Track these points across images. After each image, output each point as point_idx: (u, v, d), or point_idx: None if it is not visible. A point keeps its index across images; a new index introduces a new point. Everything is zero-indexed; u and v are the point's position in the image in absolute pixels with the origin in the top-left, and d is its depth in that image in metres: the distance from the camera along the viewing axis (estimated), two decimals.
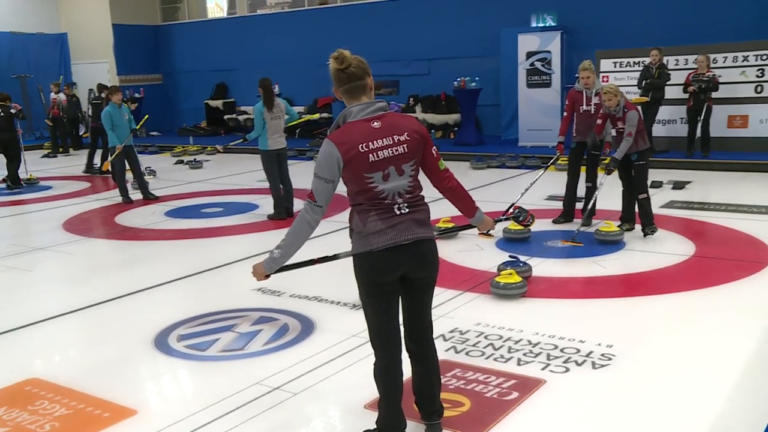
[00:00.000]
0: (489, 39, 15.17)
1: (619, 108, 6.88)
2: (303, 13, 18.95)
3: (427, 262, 3.00)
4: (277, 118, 8.40)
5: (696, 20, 13.06)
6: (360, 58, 2.97)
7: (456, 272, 6.03)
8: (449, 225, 7.10)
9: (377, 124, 2.91)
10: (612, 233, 6.79)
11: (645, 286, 5.60)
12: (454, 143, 14.67)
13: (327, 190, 2.90)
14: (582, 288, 5.65)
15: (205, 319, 5.18)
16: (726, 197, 8.94)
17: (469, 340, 4.54)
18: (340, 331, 4.77)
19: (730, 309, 5.00)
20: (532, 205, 8.43)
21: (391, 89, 17.83)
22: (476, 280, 5.78)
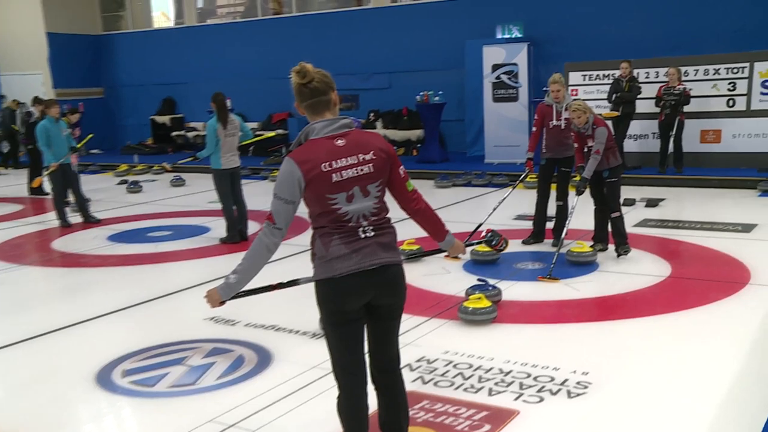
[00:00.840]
0: (453, 51, 15.36)
1: (588, 125, 7.01)
2: (256, 24, 18.97)
3: (394, 288, 3.00)
4: (231, 136, 8.36)
5: (666, 32, 13.43)
6: (324, 71, 2.98)
7: (422, 297, 6.04)
8: (414, 247, 7.13)
9: (341, 142, 2.92)
10: (585, 254, 6.88)
11: (620, 309, 5.68)
12: (417, 160, 14.77)
13: (287, 212, 2.89)
14: (555, 312, 5.70)
15: (152, 352, 5.09)
16: (701, 215, 9.14)
17: (437, 369, 4.54)
18: (300, 362, 4.73)
19: (709, 332, 5.10)
20: (500, 226, 8.51)
21: (350, 104, 17.89)
22: (443, 306, 5.79)
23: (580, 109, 6.96)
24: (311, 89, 2.94)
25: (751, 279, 6.22)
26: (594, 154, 6.91)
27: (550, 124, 7.58)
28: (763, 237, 7.87)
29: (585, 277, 6.52)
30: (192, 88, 19.55)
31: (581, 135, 7.12)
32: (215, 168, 8.36)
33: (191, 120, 19.70)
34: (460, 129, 15.69)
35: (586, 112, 6.96)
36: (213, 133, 8.25)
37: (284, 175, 2.87)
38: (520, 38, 14.45)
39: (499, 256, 7.06)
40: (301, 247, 7.62)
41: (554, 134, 7.59)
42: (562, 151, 7.59)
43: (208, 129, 8.30)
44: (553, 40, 14.54)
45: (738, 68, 11.92)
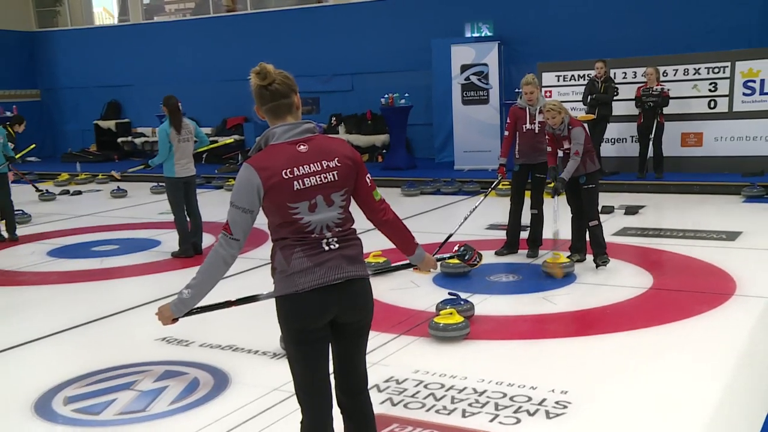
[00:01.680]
0: (419, 51, 15.45)
1: (564, 126, 7.08)
2: (208, 22, 18.89)
3: (360, 304, 3.00)
4: (184, 141, 8.28)
5: (644, 30, 13.66)
6: (285, 73, 2.98)
7: (389, 313, 6.04)
8: (381, 260, 7.13)
9: (304, 148, 2.91)
10: (561, 265, 6.94)
11: (600, 323, 5.73)
12: (383, 167, 14.81)
13: (245, 222, 2.87)
14: (531, 327, 5.74)
15: (98, 377, 5.01)
16: (683, 223, 9.29)
17: (407, 390, 4.54)
18: (260, 385, 4.69)
19: (694, 346, 5.17)
20: (471, 236, 8.56)
21: (311, 107, 17.87)
22: (412, 322, 5.79)
23: (554, 108, 7.03)
24: (272, 92, 2.93)
25: (736, 290, 6.33)
26: (573, 156, 6.97)
27: (523, 128, 7.64)
28: (748, 245, 8.02)
29: (562, 290, 6.58)
30: (139, 91, 19.36)
31: (556, 137, 7.19)
32: (168, 176, 8.28)
33: (139, 125, 19.50)
34: (427, 134, 15.77)
35: (561, 112, 7.04)
36: (165, 138, 8.17)
37: (242, 182, 2.85)
38: (490, 37, 14.59)
39: (471, 269, 7.08)
40: (261, 260, 7.58)
41: (528, 139, 7.64)
42: (536, 157, 7.65)
43: (160, 134, 8.22)
44: (525, 38, 14.71)
45: (719, 68, 12.17)
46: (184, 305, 2.96)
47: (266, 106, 2.96)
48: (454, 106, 14.38)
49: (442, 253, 5.46)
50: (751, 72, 11.94)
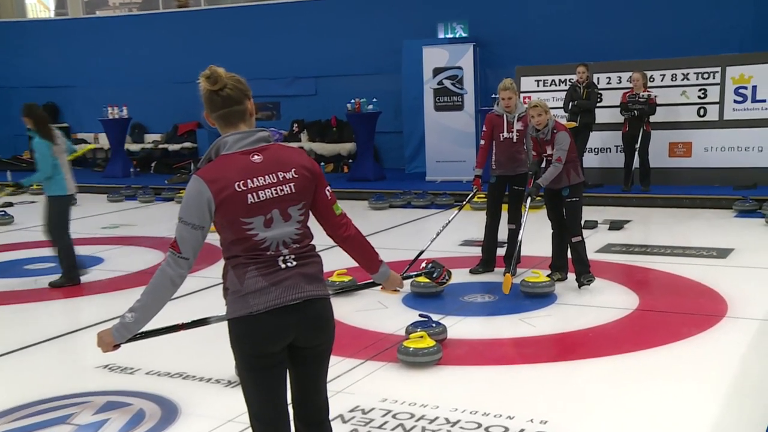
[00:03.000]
0: (388, 52, 15.50)
1: (548, 129, 7.14)
2: (157, 18, 18.81)
3: (320, 326, 2.99)
4: (62, 153, 8.12)
5: (629, 32, 13.84)
6: (238, 77, 2.98)
7: (355, 337, 6.03)
8: (345, 279, 7.12)
9: (258, 158, 2.91)
10: (541, 284, 6.98)
11: (582, 347, 5.77)
12: (349, 178, 14.82)
13: (194, 238, 2.86)
14: (508, 352, 5.76)
15: (30, 410, 4.93)
16: (671, 239, 9.40)
17: (374, 420, 4.53)
18: (212, 416, 4.65)
19: (683, 371, 5.22)
20: (444, 253, 8.59)
21: (270, 113, 17.85)
22: (380, 346, 5.79)
23: (540, 106, 7.09)
24: (223, 97, 2.93)
25: (728, 311, 6.41)
26: (555, 162, 7.03)
27: (500, 137, 7.68)
28: (740, 263, 8.14)
29: (541, 311, 6.61)
30: (79, 93, 19.09)
31: (539, 140, 7.25)
32: (59, 195, 7.96)
33: (79, 131, 19.25)
34: (397, 142, 15.79)
35: (547, 112, 7.10)
36: (47, 152, 7.84)
37: (191, 195, 2.84)
38: (465, 38, 14.70)
39: (444, 289, 7.10)
40: (213, 280, 7.51)
41: (505, 148, 7.69)
42: (515, 168, 7.71)
43: (40, 149, 7.81)
44: (503, 40, 14.83)
45: (708, 73, 12.36)
46: (127, 330, 2.93)
47: (217, 112, 2.95)
48: (426, 112, 14.44)
49: (411, 271, 5.49)
50: (742, 78, 12.14)
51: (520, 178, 7.70)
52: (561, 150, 7.04)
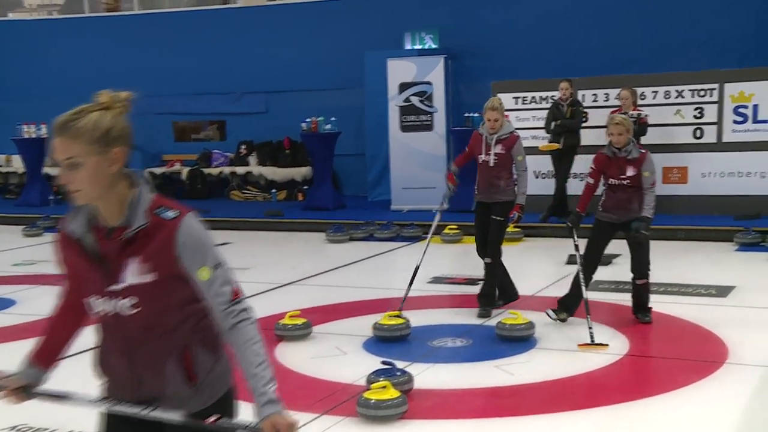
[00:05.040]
0: (349, 65, 15.56)
1: (631, 148, 7.13)
2: (82, 22, 18.62)
3: None
4: None
5: (617, 45, 14.03)
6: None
7: (309, 387, 5.97)
8: (299, 321, 7.11)
9: None
10: (519, 327, 6.96)
11: (567, 398, 5.75)
12: (304, 207, 14.76)
13: None
14: (483, 403, 5.73)
15: None
16: (665, 275, 9.43)
17: None
18: None
19: (680, 424, 5.23)
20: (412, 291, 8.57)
21: (214, 133, 17.80)
22: (338, 398, 5.73)
23: (622, 124, 7.08)
24: None
25: (728, 357, 6.44)
26: (651, 188, 7.16)
27: (479, 158, 7.76)
28: (741, 302, 8.21)
29: (520, 357, 6.60)
30: None
31: (614, 160, 7.18)
32: None
33: None
34: (359, 166, 15.81)
35: (629, 131, 7.10)
36: None
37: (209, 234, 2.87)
38: (434, 50, 14.80)
39: (410, 331, 7.07)
40: None
41: (482, 172, 7.80)
42: (492, 195, 7.76)
43: None
44: (477, 52, 14.96)
45: (705, 90, 12.53)
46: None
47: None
48: (391, 132, 14.48)
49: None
50: (742, 96, 12.31)
51: (499, 206, 7.74)
52: (653, 173, 7.19)
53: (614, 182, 7.21)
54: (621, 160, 7.14)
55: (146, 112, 17.28)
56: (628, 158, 7.12)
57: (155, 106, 17.29)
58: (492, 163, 7.69)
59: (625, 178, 7.15)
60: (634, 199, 7.18)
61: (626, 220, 7.23)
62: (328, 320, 7.75)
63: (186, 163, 17.32)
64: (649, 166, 7.14)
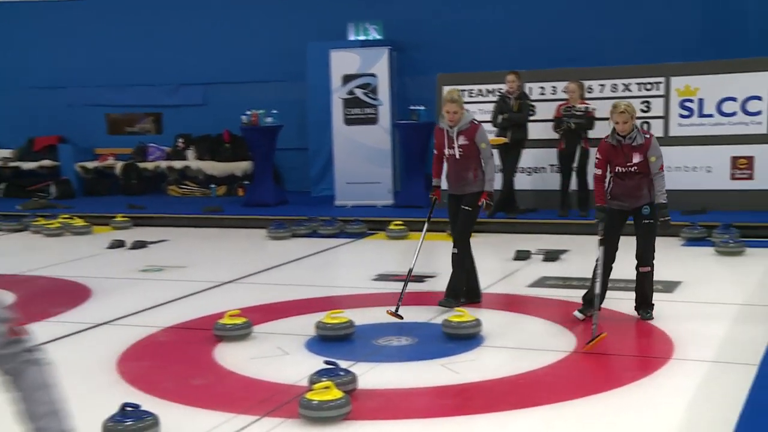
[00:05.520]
0: (290, 56, 15.53)
1: (636, 133, 7.15)
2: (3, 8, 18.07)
3: None
4: None
5: (564, 37, 14.18)
6: None
7: (249, 389, 5.96)
8: (239, 320, 7.09)
9: None
10: (465, 324, 7.01)
11: (513, 396, 5.81)
12: (244, 203, 14.72)
13: None
14: (428, 403, 5.77)
15: None
16: (613, 271, 9.58)
17: None
18: None
19: (626, 420, 5.33)
20: (355, 290, 8.63)
21: (150, 126, 17.62)
22: (279, 399, 5.73)
23: (627, 112, 7.08)
24: None
25: (674, 353, 6.57)
26: (659, 173, 7.18)
27: (445, 153, 7.91)
28: (688, 298, 8.36)
29: (466, 356, 6.65)
30: None
31: (619, 149, 7.20)
32: None
33: None
34: (301, 161, 15.79)
35: (633, 118, 7.12)
36: None
37: None
38: (379, 41, 14.82)
39: (354, 330, 7.10)
40: (77, 325, 7.34)
41: (451, 166, 7.96)
42: (462, 187, 7.90)
43: None
44: (422, 44, 15.03)
45: (652, 84, 12.75)
46: None
47: None
48: (335, 126, 14.47)
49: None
50: (688, 89, 12.54)
51: (469, 198, 7.87)
52: (661, 158, 7.19)
53: (621, 170, 7.24)
54: (626, 147, 7.18)
55: (77, 104, 17.20)
56: (633, 145, 7.16)
57: (87, 98, 17.14)
58: (458, 156, 7.80)
59: (632, 165, 7.19)
60: (642, 185, 7.24)
61: (637, 207, 7.29)
62: (269, 319, 7.74)
63: (120, 157, 17.10)
64: (655, 150, 7.18)
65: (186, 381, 6.16)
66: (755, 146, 12.34)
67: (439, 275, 9.03)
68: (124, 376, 6.30)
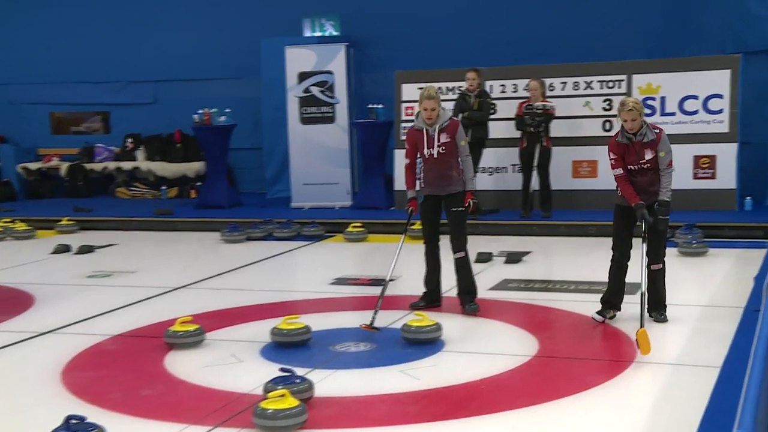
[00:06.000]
0: (244, 53, 15.50)
1: (646, 130, 7.15)
2: None
3: None
4: None
5: (526, 34, 14.30)
6: None
7: (201, 398, 5.93)
8: (191, 327, 7.05)
9: None
10: (425, 329, 7.03)
11: (474, 402, 5.83)
12: (197, 205, 14.65)
13: None
14: (387, 410, 5.77)
15: None
16: (576, 272, 9.68)
17: None
18: None
19: (587, 426, 5.36)
20: (312, 294, 8.61)
21: (98, 125, 17.48)
22: (233, 409, 5.70)
23: (635, 109, 7.07)
24: None
25: (637, 355, 6.62)
26: (667, 169, 7.20)
27: (425, 154, 7.81)
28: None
29: (426, 361, 6.66)
30: None
31: (631, 147, 7.21)
32: None
33: None
34: (256, 161, 15.77)
35: (641, 114, 7.10)
36: None
37: None
38: (336, 38, 14.85)
39: (311, 336, 7.09)
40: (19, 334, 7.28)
41: (431, 166, 7.83)
42: (445, 187, 7.84)
43: None
44: (381, 40, 15.07)
45: (614, 81, 12.89)
46: None
47: None
48: (291, 125, 14.46)
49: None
50: (650, 87, 12.70)
51: (454, 198, 7.85)
52: (670, 153, 7.21)
53: (634, 168, 7.26)
54: (637, 144, 7.20)
55: (19, 102, 17.05)
56: (644, 141, 7.18)
57: (30, 95, 17.01)
58: (438, 155, 7.75)
59: (644, 162, 7.23)
60: (655, 181, 7.28)
61: (650, 204, 7.29)
62: (222, 326, 7.71)
63: (65, 158, 16.98)
64: (664, 145, 7.20)
65: (135, 391, 6.11)
66: (717, 145, 12.51)
67: (401, 278, 9.05)
68: (69, 387, 6.23)
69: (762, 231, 11.34)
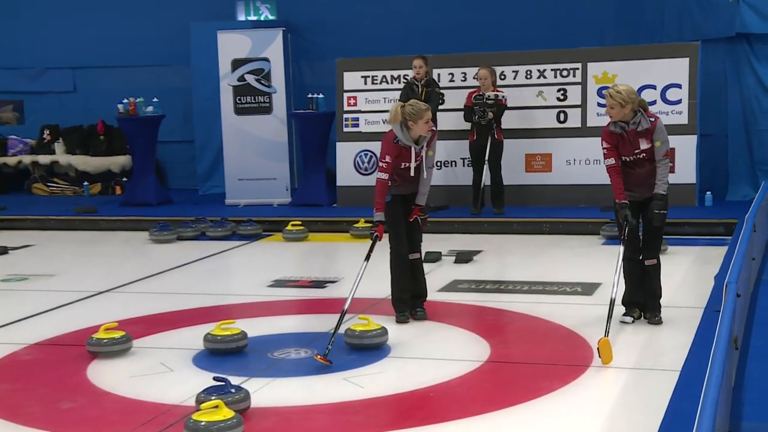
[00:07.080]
0: (172, 38, 15.43)
1: (640, 118, 7.14)
2: None
3: None
4: None
5: (475, 19, 14.39)
6: None
7: (128, 411, 5.89)
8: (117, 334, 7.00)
9: None
10: (370, 333, 7.05)
11: (422, 411, 5.87)
12: (122, 202, 14.55)
13: None
14: (329, 421, 5.79)
15: None
16: (529, 272, 9.78)
17: None
18: None
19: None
20: (250, 297, 8.59)
21: (9, 116, 17.25)
22: (162, 422, 5.68)
23: (612, 96, 7.07)
24: None
25: (593, 360, 6.70)
26: (664, 159, 7.25)
27: (401, 167, 7.66)
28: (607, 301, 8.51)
29: (371, 368, 6.68)
30: None
31: (625, 135, 7.20)
32: None
33: None
34: (187, 155, 15.71)
35: (625, 102, 7.03)
36: None
37: None
38: (272, 22, 14.84)
39: (247, 343, 7.08)
40: None
41: (407, 179, 7.74)
42: (413, 187, 7.83)
43: None
44: (320, 26, 15.10)
45: (568, 70, 13.02)
46: None
47: None
48: (224, 116, 14.42)
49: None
50: (606, 76, 12.81)
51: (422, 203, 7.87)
52: (666, 143, 7.25)
53: (629, 159, 7.29)
54: (631, 134, 7.21)
55: None
56: (639, 130, 7.19)
57: None
58: (414, 171, 7.67)
59: (640, 152, 7.26)
60: (654, 172, 7.33)
61: (650, 196, 7.37)
62: (151, 333, 7.66)
63: None
64: (659, 134, 7.22)
65: (54, 404, 6.04)
66: (676, 138, 12.64)
67: (341, 280, 9.07)
68: None
69: (723, 228, 11.50)
